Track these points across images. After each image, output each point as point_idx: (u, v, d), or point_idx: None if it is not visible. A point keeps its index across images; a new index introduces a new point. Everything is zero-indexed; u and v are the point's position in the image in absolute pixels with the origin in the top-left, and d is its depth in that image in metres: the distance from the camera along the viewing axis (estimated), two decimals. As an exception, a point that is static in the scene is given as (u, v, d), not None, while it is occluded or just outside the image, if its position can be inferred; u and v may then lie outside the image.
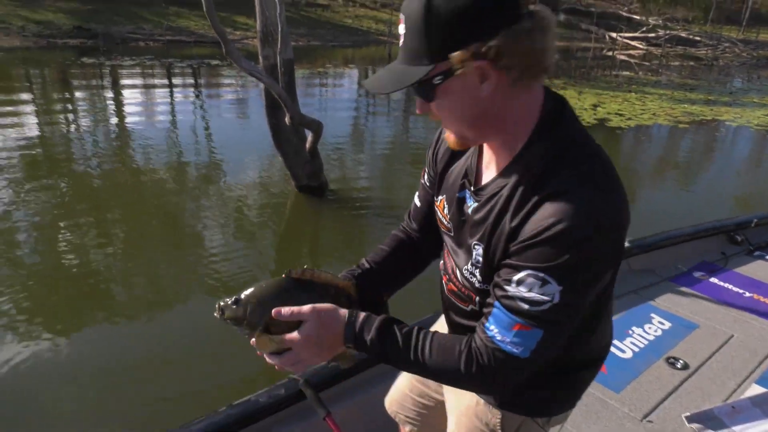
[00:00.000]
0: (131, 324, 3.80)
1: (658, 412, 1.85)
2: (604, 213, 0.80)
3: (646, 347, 2.21)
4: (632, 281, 2.78)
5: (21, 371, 3.16)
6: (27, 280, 4.18)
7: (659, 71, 23.04)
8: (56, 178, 6.55)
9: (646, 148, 10.28)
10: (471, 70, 0.81)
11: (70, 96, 12.43)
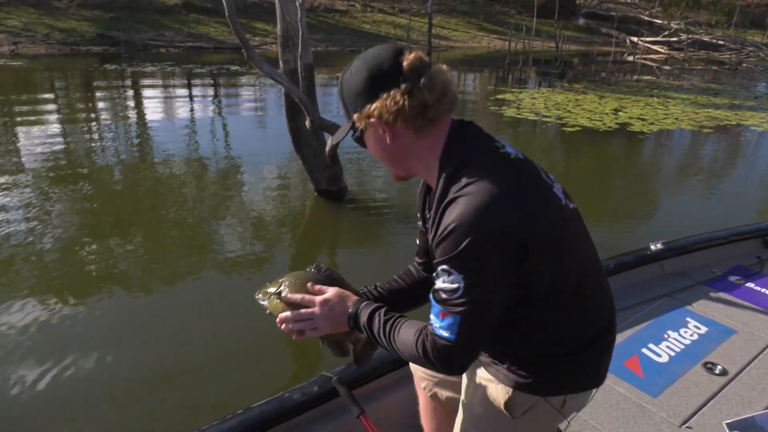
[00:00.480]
0: (154, 322, 3.81)
1: (697, 418, 1.80)
2: (485, 216, 0.96)
3: (682, 352, 2.16)
4: (666, 284, 2.73)
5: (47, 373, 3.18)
6: (51, 279, 4.21)
7: (681, 76, 22.73)
8: (78, 182, 6.63)
9: (669, 153, 10.11)
10: (371, 126, 1.09)
11: (92, 102, 12.62)
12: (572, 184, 7.83)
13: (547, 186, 1.12)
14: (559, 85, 18.00)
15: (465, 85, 19.85)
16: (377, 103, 1.05)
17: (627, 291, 2.61)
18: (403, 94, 1.04)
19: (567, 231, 1.11)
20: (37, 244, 4.81)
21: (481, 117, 13.12)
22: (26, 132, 9.05)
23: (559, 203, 1.12)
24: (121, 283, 4.30)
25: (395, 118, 1.05)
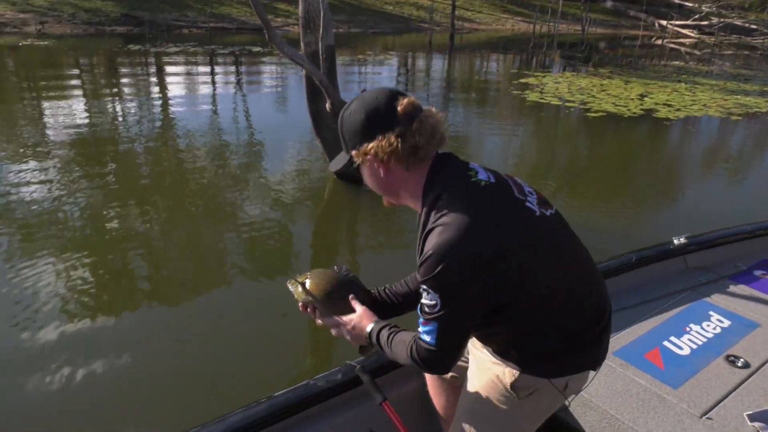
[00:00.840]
0: (174, 303, 3.87)
1: (718, 409, 1.80)
2: (454, 246, 1.10)
3: (704, 345, 2.15)
4: (689, 278, 2.70)
5: (67, 344, 3.26)
6: (75, 254, 4.29)
7: (711, 61, 22.18)
8: (103, 159, 6.74)
9: (696, 141, 9.90)
10: (367, 162, 1.23)
11: (116, 81, 12.75)
12: (595, 170, 7.74)
13: (519, 203, 1.22)
14: (584, 69, 17.69)
15: (488, 68, 19.60)
16: (374, 144, 1.19)
17: (649, 285, 2.60)
18: (396, 137, 1.18)
19: (542, 240, 1.23)
20: (60, 213, 4.91)
21: (503, 102, 12.97)
22: (52, 109, 9.20)
23: (532, 216, 1.22)
24: (141, 256, 4.38)
25: (389, 158, 1.20)
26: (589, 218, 5.75)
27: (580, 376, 1.35)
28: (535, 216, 1.22)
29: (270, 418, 1.61)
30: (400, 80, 15.76)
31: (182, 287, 4.12)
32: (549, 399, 1.35)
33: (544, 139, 9.72)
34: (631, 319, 2.28)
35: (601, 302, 1.35)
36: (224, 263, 4.43)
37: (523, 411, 1.35)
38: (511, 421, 1.36)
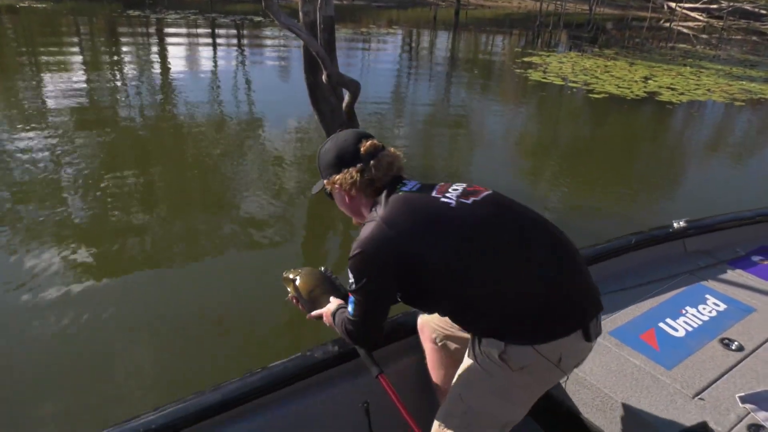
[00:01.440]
0: (169, 276, 3.85)
1: (711, 390, 1.82)
2: (365, 241, 1.35)
3: (699, 327, 2.17)
4: (687, 262, 2.71)
5: (65, 320, 3.25)
6: (72, 226, 4.28)
7: (719, 45, 21.91)
8: (101, 126, 6.67)
9: (698, 126, 9.82)
10: (335, 189, 1.52)
11: (116, 47, 12.59)
12: (596, 152, 7.69)
13: (433, 201, 1.40)
14: (590, 50, 17.48)
15: (492, 46, 19.37)
16: (340, 176, 1.47)
17: (647, 267, 2.61)
18: (357, 171, 1.45)
19: (460, 225, 1.36)
20: (60, 179, 4.89)
21: (506, 80, 12.83)
22: (51, 75, 9.09)
23: (446, 207, 1.38)
24: (139, 221, 4.38)
25: (350, 187, 1.47)
26: (588, 200, 5.73)
27: (574, 349, 1.38)
28: (449, 206, 1.38)
29: (266, 387, 1.63)
30: (404, 56, 15.58)
31: (178, 252, 4.12)
32: (543, 371, 1.38)
33: (545, 119, 9.64)
34: (627, 301, 2.30)
35: (562, 265, 1.40)
36: (221, 229, 4.43)
37: (517, 382, 1.39)
38: (505, 390, 1.41)
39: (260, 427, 1.62)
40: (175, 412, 1.48)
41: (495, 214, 1.41)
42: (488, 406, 1.44)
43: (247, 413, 1.62)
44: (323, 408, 1.75)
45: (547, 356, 1.34)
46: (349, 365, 1.80)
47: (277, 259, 4.11)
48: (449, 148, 7.33)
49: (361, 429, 1.68)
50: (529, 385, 1.42)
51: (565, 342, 1.35)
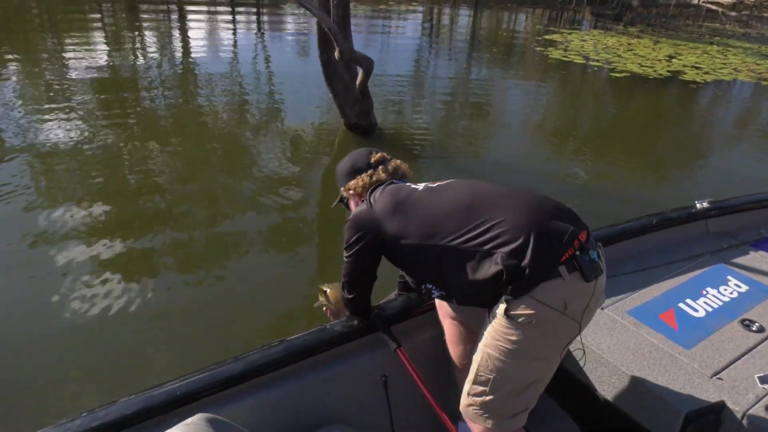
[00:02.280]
0: (191, 252, 3.92)
1: (729, 371, 1.81)
2: (353, 218, 1.61)
3: (720, 308, 2.15)
4: (710, 243, 2.67)
5: (83, 290, 3.37)
6: (96, 200, 4.38)
7: (749, 23, 21.27)
8: (123, 100, 6.78)
9: (723, 106, 9.62)
10: (350, 196, 1.78)
11: (138, 25, 12.68)
12: (617, 132, 7.59)
13: (405, 189, 1.62)
14: (614, 27, 17.11)
15: (515, 23, 19.06)
16: (353, 182, 1.73)
17: (669, 247, 2.58)
18: (368, 176, 1.72)
19: (429, 201, 1.55)
20: (80, 154, 5.02)
21: (525, 59, 12.66)
22: (73, 52, 9.22)
23: (415, 192, 1.60)
24: (158, 195, 4.47)
25: (362, 190, 1.71)
26: (608, 181, 5.68)
27: (567, 289, 1.37)
28: (417, 191, 1.60)
29: (286, 358, 1.67)
30: (424, 34, 15.43)
31: (198, 226, 4.19)
32: (552, 322, 1.39)
33: (565, 98, 9.52)
34: (648, 280, 2.28)
35: (545, 214, 1.43)
36: (239, 203, 4.52)
37: (530, 338, 1.40)
38: (522, 350, 1.42)
39: (280, 397, 1.66)
40: (198, 380, 1.52)
41: (455, 187, 1.58)
42: (510, 369, 1.45)
43: (267, 383, 1.65)
44: (342, 380, 1.78)
45: (549, 304, 1.36)
46: (368, 339, 1.82)
47: (290, 234, 4.20)
48: (468, 126, 7.30)
49: (379, 401, 1.70)
50: (545, 340, 1.43)
51: (562, 285, 1.36)
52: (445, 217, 1.48)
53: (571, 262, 1.38)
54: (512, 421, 1.50)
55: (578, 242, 1.40)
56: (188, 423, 1.19)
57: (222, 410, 1.50)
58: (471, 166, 5.75)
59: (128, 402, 1.43)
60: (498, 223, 1.41)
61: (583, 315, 1.42)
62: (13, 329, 3.00)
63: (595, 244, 1.45)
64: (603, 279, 1.45)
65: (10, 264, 3.53)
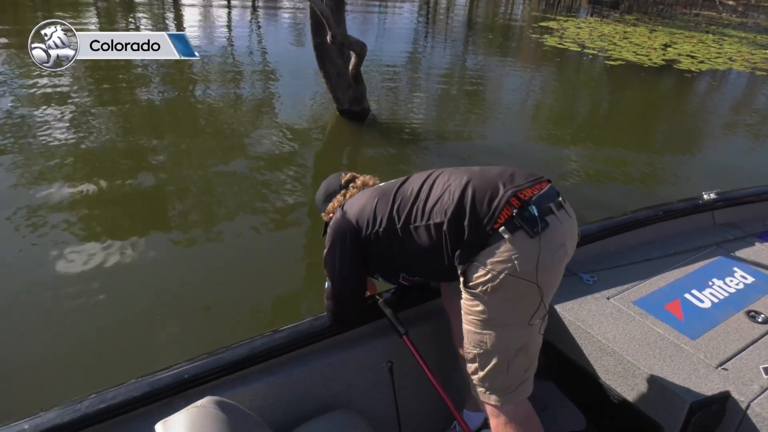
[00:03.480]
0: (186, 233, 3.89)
1: (735, 361, 1.81)
2: (333, 224, 1.66)
3: (726, 299, 2.14)
4: (716, 234, 2.66)
5: (82, 274, 3.35)
6: (92, 193, 4.39)
7: (746, 13, 21.24)
8: (116, 81, 6.75)
9: (717, 95, 9.63)
10: (331, 218, 1.72)
11: (131, 8, 12.56)
12: (611, 119, 7.58)
13: (368, 190, 1.69)
14: (611, 15, 17.06)
15: (511, 10, 18.97)
16: (330, 205, 1.79)
17: (675, 238, 2.57)
18: (342, 195, 1.78)
19: (386, 196, 1.60)
20: (73, 136, 5.00)
21: (521, 46, 12.63)
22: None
23: (377, 190, 1.66)
24: (153, 177, 4.45)
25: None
26: (601, 168, 5.67)
27: (512, 248, 1.37)
28: (379, 187, 1.68)
29: (292, 343, 1.68)
30: (420, 20, 15.35)
31: (177, 211, 4.16)
32: (508, 286, 1.39)
33: (560, 86, 9.51)
34: (654, 271, 2.27)
35: (479, 178, 1.48)
36: (226, 187, 4.51)
37: (491, 303, 1.42)
38: (488, 314, 1.44)
39: (286, 381, 1.67)
40: (205, 364, 1.53)
41: (414, 176, 1.63)
42: (489, 340, 1.47)
43: (274, 368, 1.66)
44: (348, 366, 1.79)
45: (497, 269, 1.37)
46: (375, 325, 1.83)
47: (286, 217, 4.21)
48: (463, 113, 7.29)
49: (384, 387, 1.69)
50: (508, 304, 1.42)
51: (507, 246, 1.36)
52: (401, 202, 1.56)
53: (511, 222, 1.36)
54: (514, 395, 1.51)
55: (517, 200, 1.38)
56: (198, 405, 1.21)
57: (228, 394, 1.50)
58: (465, 153, 5.74)
59: (136, 384, 1.45)
60: (440, 197, 1.48)
61: (537, 273, 1.39)
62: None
63: (547, 203, 1.42)
64: (558, 232, 1.41)
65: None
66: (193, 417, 1.18)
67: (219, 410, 1.21)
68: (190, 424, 1.16)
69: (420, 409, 1.86)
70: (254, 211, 4.24)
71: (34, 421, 1.32)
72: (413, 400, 1.81)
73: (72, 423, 1.34)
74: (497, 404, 1.51)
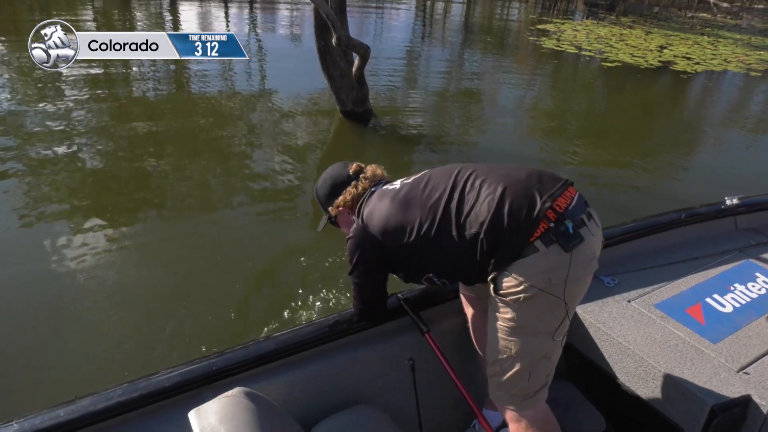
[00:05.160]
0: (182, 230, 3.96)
1: (756, 366, 1.81)
2: (356, 240, 1.60)
3: (747, 304, 2.14)
4: (739, 239, 2.66)
5: (73, 267, 3.41)
6: (85, 180, 4.44)
7: (740, 14, 21.40)
8: (114, 90, 6.80)
9: (711, 96, 9.72)
10: (340, 212, 1.73)
11: (129, 10, 12.61)
12: (612, 121, 7.64)
13: (388, 190, 1.63)
14: (607, 18, 17.17)
15: (508, 13, 19.07)
16: (341, 198, 1.70)
17: (697, 243, 2.56)
18: (353, 188, 1.70)
19: (408, 198, 1.56)
20: (71, 132, 5.06)
21: (519, 48, 12.72)
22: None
23: (398, 193, 1.60)
24: (155, 191, 4.49)
25: (352, 202, 1.70)
26: (600, 171, 5.71)
27: (548, 263, 1.38)
28: (398, 190, 1.61)
29: (317, 339, 1.72)
30: (417, 24, 15.44)
31: (176, 212, 4.22)
32: (538, 298, 1.40)
33: (557, 88, 9.60)
34: (675, 275, 2.27)
35: (516, 186, 1.44)
36: (227, 194, 4.54)
37: (521, 311, 1.43)
38: (517, 322, 1.45)
39: (310, 375, 1.71)
40: (233, 356, 1.59)
41: (433, 176, 1.59)
42: (515, 347, 1.47)
43: (299, 362, 1.71)
44: (370, 362, 1.81)
45: (530, 281, 1.38)
46: (397, 323, 1.85)
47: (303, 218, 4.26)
48: (462, 117, 7.37)
49: (405, 384, 1.72)
50: (538, 315, 1.44)
51: (541, 259, 1.37)
52: (429, 212, 1.51)
53: (547, 235, 1.37)
54: (533, 401, 1.52)
55: (553, 213, 1.39)
56: (228, 395, 1.27)
57: (255, 386, 1.52)
58: (467, 154, 5.82)
59: (167, 375, 1.50)
60: (473, 206, 1.44)
61: (566, 285, 1.40)
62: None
63: (578, 214, 1.42)
64: (590, 246, 1.42)
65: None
66: (225, 405, 1.24)
67: (248, 400, 1.27)
68: (222, 412, 1.21)
69: (441, 406, 1.88)
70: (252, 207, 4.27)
71: (69, 408, 1.37)
72: (434, 397, 1.83)
73: (106, 410, 1.40)
74: (516, 409, 1.53)
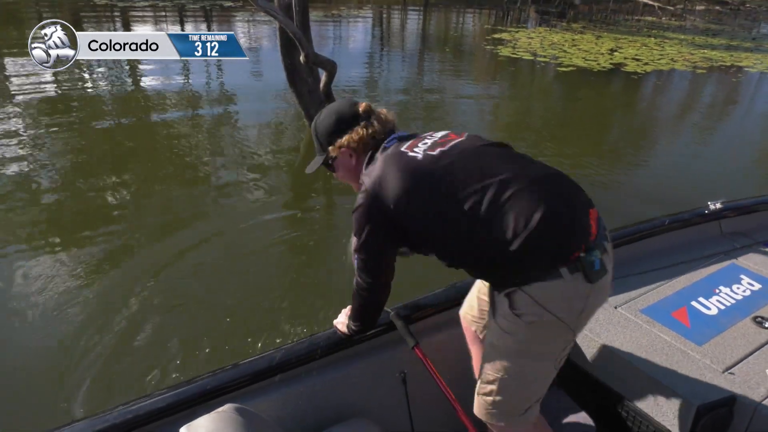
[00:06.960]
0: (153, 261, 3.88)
1: (741, 366, 1.84)
2: (359, 203, 1.42)
3: (732, 306, 2.17)
4: (723, 243, 2.70)
5: (38, 295, 3.36)
6: (43, 210, 4.40)
7: (683, 16, 22.36)
8: (71, 118, 6.69)
9: (662, 94, 10.16)
10: (342, 154, 1.54)
11: (81, 30, 12.42)
12: (570, 123, 7.91)
13: (408, 158, 1.42)
14: (558, 24, 17.73)
15: (463, 24, 19.50)
16: (346, 137, 1.51)
17: (682, 248, 2.57)
18: (362, 128, 1.51)
19: (431, 177, 1.38)
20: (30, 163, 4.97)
21: (477, 57, 13.02)
22: (14, 66, 8.99)
23: (414, 160, 1.41)
24: (117, 224, 4.39)
25: (358, 144, 1.51)
26: (563, 168, 5.89)
27: (567, 292, 1.32)
28: (416, 160, 1.41)
29: (309, 355, 1.74)
30: (375, 37, 15.65)
31: (143, 238, 4.20)
32: (550, 324, 1.35)
33: (517, 93, 9.89)
34: (661, 280, 2.30)
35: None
36: (193, 218, 4.46)
37: (530, 334, 1.37)
38: (522, 345, 1.40)
39: (303, 391, 1.73)
40: (226, 375, 1.62)
41: (459, 162, 1.40)
42: (514, 368, 1.44)
43: (291, 379, 1.72)
44: (362, 376, 1.83)
45: (548, 307, 1.32)
46: (388, 336, 1.86)
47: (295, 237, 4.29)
48: (424, 125, 7.51)
49: (398, 397, 1.72)
50: (545, 340, 1.39)
51: (562, 286, 1.31)
52: (452, 200, 1.35)
53: (574, 263, 1.30)
54: (525, 417, 1.50)
55: (585, 244, 1.32)
56: (219, 411, 1.30)
57: (248, 403, 1.54)
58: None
59: (161, 396, 1.54)
60: (507, 214, 1.31)
61: (580, 315, 1.36)
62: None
63: (602, 241, 1.36)
64: (609, 276, 1.37)
65: None
66: (216, 421, 1.27)
67: (239, 416, 1.31)
68: (212, 428, 1.24)
69: (433, 418, 1.89)
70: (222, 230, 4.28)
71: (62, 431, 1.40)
72: (427, 410, 1.82)
73: None
74: (506, 427, 1.53)
